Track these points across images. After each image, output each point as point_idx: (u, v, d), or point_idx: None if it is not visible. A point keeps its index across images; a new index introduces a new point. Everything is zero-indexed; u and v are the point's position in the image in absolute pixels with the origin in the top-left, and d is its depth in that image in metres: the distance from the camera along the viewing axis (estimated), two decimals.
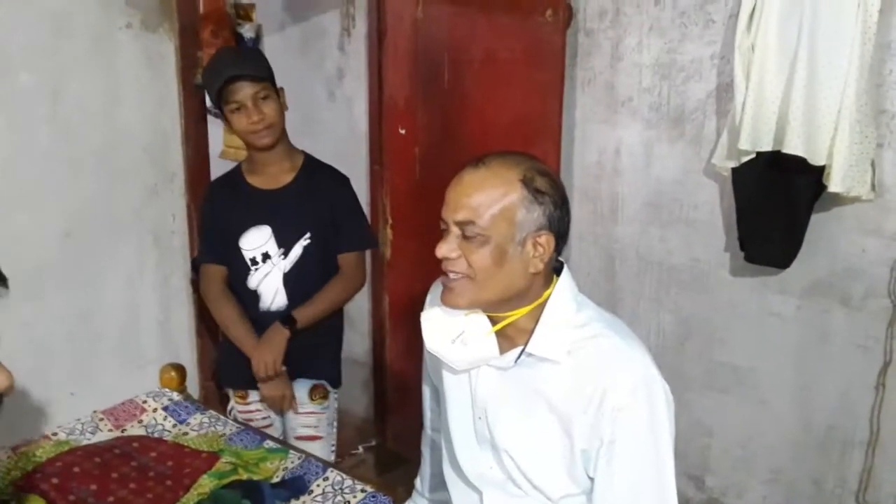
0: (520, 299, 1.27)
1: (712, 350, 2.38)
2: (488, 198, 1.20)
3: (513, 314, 1.27)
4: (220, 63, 2.06)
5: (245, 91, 1.98)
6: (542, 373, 1.28)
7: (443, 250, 1.24)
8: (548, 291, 1.29)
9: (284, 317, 2.08)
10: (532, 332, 1.27)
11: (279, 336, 2.06)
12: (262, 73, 2.03)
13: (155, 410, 2.07)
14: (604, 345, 1.25)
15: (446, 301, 1.27)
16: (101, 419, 2.01)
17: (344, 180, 2.20)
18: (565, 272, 1.32)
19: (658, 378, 1.24)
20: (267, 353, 2.05)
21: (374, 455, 3.36)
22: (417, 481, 1.70)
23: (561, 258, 1.32)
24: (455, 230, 1.23)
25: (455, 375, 1.39)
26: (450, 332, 1.31)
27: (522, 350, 1.28)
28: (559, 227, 1.25)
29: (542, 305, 1.28)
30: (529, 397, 1.29)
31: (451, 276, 1.25)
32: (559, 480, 1.30)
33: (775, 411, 2.29)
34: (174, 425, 2.01)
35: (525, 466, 1.31)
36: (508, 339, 1.30)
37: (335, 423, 2.30)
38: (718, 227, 2.29)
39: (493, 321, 1.29)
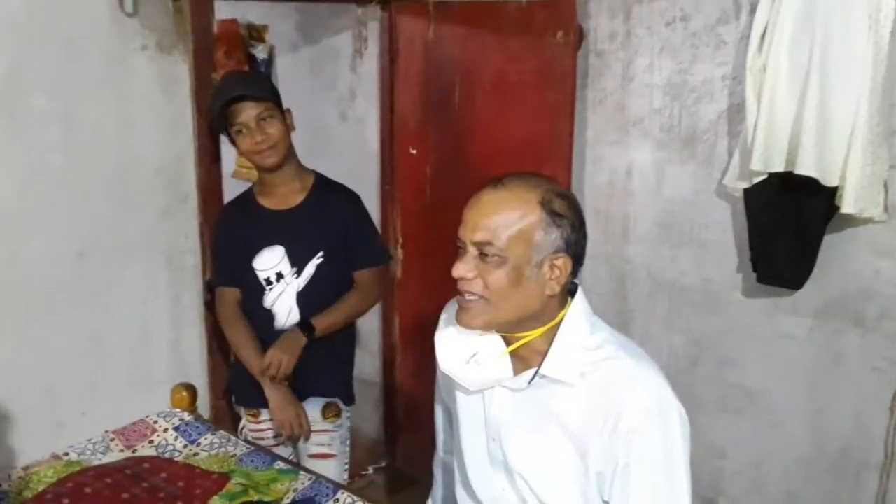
0: (534, 321, 1.26)
1: (724, 372, 2.37)
2: (507, 219, 1.20)
3: (527, 335, 1.27)
4: (223, 87, 2.09)
5: (247, 112, 2.00)
6: (556, 395, 1.27)
7: (459, 270, 1.24)
8: (562, 313, 1.28)
9: (303, 323, 2.09)
10: (546, 353, 1.27)
11: (296, 340, 2.07)
12: (265, 94, 2.05)
13: (166, 431, 2.06)
14: (617, 367, 1.25)
15: (461, 321, 1.27)
16: (113, 439, 2.01)
17: (355, 198, 2.21)
18: (579, 294, 1.31)
19: (673, 400, 1.23)
20: (281, 352, 2.05)
21: (384, 476, 3.34)
22: (429, 503, 1.69)
23: (576, 280, 1.32)
24: (472, 250, 1.23)
25: (468, 396, 1.39)
26: (464, 352, 1.31)
27: (536, 372, 1.28)
28: (576, 250, 1.25)
29: (557, 327, 1.28)
30: (543, 419, 1.29)
31: (467, 296, 1.25)
32: (573, 503, 1.29)
33: (788, 433, 2.27)
34: (185, 446, 2.01)
35: (538, 489, 1.30)
36: (522, 360, 1.30)
37: (348, 442, 2.29)
38: (730, 247, 2.28)
39: (507, 342, 1.29)
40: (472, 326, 1.27)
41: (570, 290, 1.31)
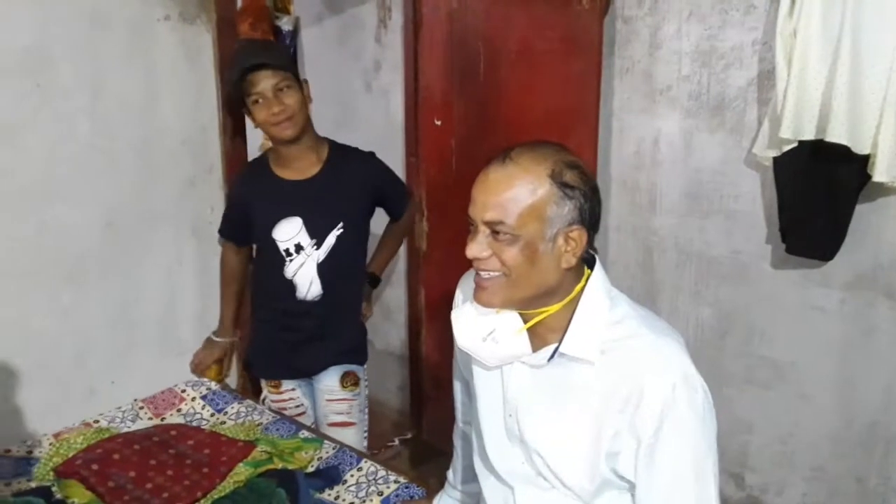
0: (552, 295, 1.25)
1: (753, 344, 2.34)
2: (516, 196, 1.17)
3: (545, 311, 1.25)
4: (239, 56, 2.07)
5: (265, 82, 1.98)
6: (576, 372, 1.25)
7: (473, 250, 1.22)
8: (579, 286, 1.26)
9: (370, 277, 2.37)
10: (565, 329, 1.25)
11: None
12: (282, 63, 2.03)
13: (193, 399, 2.10)
14: (639, 344, 1.22)
15: (479, 300, 1.26)
16: (142, 407, 2.05)
17: (369, 156, 2.22)
18: (597, 267, 1.29)
19: (696, 376, 1.20)
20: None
21: (409, 447, 3.37)
22: (450, 473, 1.69)
23: (593, 249, 1.29)
24: (484, 229, 1.21)
25: (486, 372, 1.38)
26: (481, 329, 1.30)
27: (556, 349, 1.26)
28: (591, 219, 1.22)
29: (575, 301, 1.25)
30: (562, 396, 1.27)
31: (484, 274, 1.23)
32: (590, 480, 1.28)
33: (817, 407, 2.24)
34: (212, 414, 2.05)
35: (553, 465, 1.29)
36: (540, 336, 1.28)
37: (367, 410, 2.30)
38: (759, 217, 2.25)
39: (524, 318, 1.28)
40: (491, 305, 1.25)
41: (586, 261, 1.29)
